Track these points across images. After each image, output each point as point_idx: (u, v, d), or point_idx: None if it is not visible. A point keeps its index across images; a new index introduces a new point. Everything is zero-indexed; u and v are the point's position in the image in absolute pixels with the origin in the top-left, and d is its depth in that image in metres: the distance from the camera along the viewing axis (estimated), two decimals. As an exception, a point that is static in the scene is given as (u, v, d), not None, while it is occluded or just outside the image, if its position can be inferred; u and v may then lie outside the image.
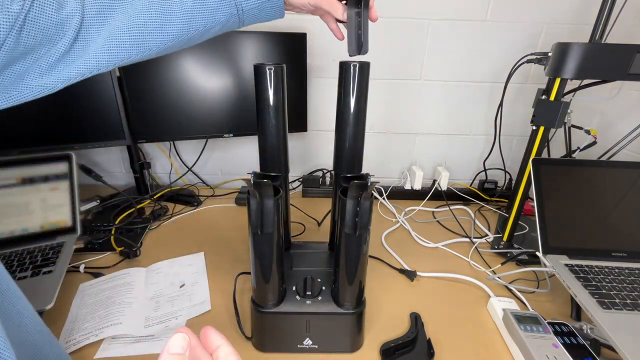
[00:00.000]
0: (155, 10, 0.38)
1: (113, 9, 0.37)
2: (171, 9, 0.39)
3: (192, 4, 0.40)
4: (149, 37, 0.39)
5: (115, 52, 0.38)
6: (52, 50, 0.35)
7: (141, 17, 0.38)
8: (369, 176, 0.52)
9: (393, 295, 0.69)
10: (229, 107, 0.96)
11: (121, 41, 0.38)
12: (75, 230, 0.75)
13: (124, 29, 0.37)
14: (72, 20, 0.35)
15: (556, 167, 0.72)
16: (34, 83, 0.36)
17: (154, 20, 0.39)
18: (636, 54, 0.63)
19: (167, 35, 0.40)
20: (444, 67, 1.03)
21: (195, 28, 0.42)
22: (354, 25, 0.46)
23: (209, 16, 0.41)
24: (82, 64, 0.37)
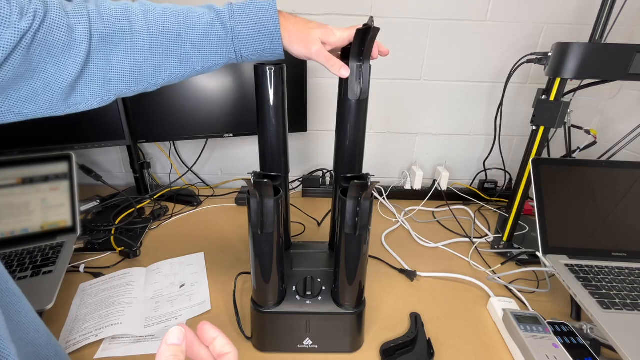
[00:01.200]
0: (155, 49, 0.41)
1: (116, 43, 0.38)
2: (170, 51, 0.41)
3: (192, 48, 0.42)
4: (148, 73, 0.42)
5: (116, 84, 0.40)
6: (62, 75, 0.36)
7: (142, 54, 0.40)
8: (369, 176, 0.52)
9: (393, 295, 0.69)
10: (229, 107, 0.96)
11: (122, 75, 0.40)
12: (75, 230, 0.75)
13: (126, 63, 0.40)
14: (82, 46, 0.36)
15: (556, 167, 0.72)
16: (44, 106, 0.38)
17: (155, 59, 0.41)
18: (636, 54, 0.63)
19: (165, 73, 0.43)
20: (443, 67, 1.03)
21: (193, 68, 0.44)
22: (355, 75, 0.50)
23: (207, 59, 0.44)
24: (87, 93, 0.39)
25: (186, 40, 0.41)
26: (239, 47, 0.44)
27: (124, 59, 0.39)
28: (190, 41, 0.42)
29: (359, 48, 0.49)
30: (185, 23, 0.41)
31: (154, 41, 0.40)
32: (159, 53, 0.41)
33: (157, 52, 0.41)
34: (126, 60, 0.39)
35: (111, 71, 0.39)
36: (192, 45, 0.42)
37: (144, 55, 0.40)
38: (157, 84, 0.44)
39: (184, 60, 0.42)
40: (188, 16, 0.42)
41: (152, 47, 0.40)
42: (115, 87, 0.41)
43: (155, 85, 0.44)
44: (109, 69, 0.39)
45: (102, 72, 0.39)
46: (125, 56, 0.39)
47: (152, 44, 0.40)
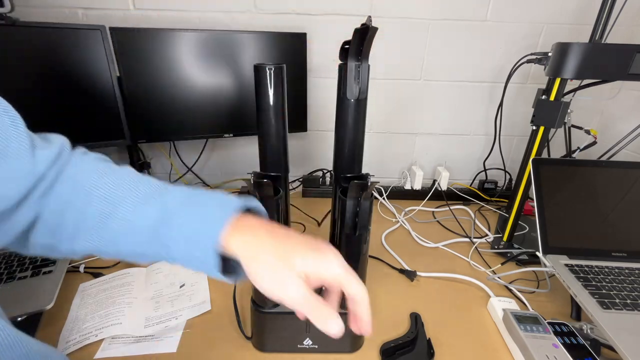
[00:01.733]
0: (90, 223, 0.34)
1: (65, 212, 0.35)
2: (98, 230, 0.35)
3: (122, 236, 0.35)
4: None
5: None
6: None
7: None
8: (369, 176, 0.52)
9: (393, 295, 0.69)
10: (229, 107, 0.96)
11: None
12: (75, 230, 0.75)
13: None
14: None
15: (556, 167, 0.72)
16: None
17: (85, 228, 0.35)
18: (636, 54, 0.63)
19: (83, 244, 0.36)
20: (443, 67, 1.03)
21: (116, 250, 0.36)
22: (354, 76, 0.50)
23: (129, 248, 0.36)
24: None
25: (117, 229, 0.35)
26: (167, 255, 0.34)
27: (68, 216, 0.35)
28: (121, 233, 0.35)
29: (357, 48, 0.49)
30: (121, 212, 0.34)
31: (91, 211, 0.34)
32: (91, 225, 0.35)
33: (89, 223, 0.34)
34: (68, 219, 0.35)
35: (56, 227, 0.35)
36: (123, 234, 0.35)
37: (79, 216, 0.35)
38: (75, 252, 0.37)
39: (116, 243, 0.36)
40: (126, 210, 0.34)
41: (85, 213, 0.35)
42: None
43: (72, 253, 0.37)
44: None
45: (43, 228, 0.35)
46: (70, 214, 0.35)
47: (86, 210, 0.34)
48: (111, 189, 0.35)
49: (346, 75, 0.51)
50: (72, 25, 0.81)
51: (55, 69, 0.79)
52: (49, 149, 0.36)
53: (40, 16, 0.92)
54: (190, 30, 0.86)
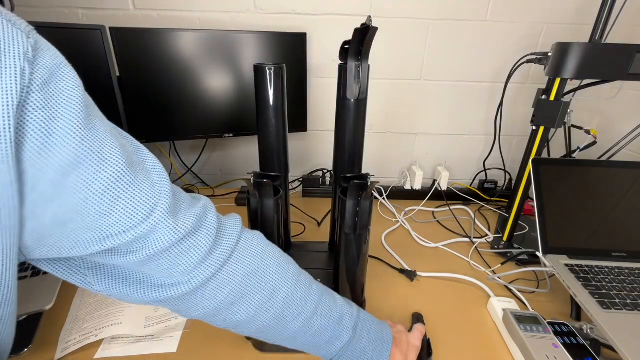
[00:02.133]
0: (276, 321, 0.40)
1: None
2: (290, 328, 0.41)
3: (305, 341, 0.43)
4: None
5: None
6: None
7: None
8: (369, 176, 0.52)
9: (393, 295, 0.69)
10: (229, 107, 0.96)
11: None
12: (75, 230, 0.75)
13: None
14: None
15: (556, 167, 0.72)
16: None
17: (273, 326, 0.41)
18: (636, 54, 0.63)
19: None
20: (443, 67, 1.03)
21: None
22: (353, 76, 0.50)
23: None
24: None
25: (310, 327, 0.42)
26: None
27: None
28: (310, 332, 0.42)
29: (357, 48, 0.49)
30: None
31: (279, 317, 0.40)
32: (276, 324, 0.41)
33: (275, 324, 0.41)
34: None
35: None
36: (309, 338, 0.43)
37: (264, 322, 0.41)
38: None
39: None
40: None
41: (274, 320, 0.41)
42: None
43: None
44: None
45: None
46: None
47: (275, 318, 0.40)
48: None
49: (346, 75, 0.51)
50: (72, 25, 0.81)
51: (55, 69, 0.79)
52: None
53: (40, 16, 0.92)
54: (190, 30, 0.86)
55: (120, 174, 0.28)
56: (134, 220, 0.29)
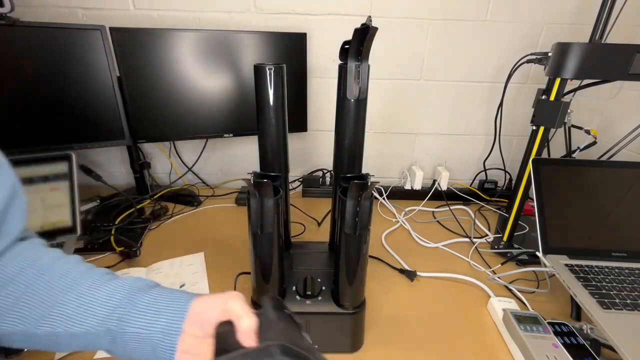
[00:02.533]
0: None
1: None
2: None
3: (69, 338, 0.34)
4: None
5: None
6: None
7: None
8: (369, 176, 0.52)
9: (393, 295, 0.69)
10: (229, 107, 0.96)
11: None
12: (75, 230, 0.75)
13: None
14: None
15: (556, 167, 0.72)
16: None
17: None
18: (636, 54, 0.63)
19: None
20: (444, 67, 1.03)
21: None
22: (353, 76, 0.50)
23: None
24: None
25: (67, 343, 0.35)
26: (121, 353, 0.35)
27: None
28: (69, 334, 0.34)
29: (357, 48, 0.49)
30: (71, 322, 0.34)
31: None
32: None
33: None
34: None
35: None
36: (70, 336, 0.34)
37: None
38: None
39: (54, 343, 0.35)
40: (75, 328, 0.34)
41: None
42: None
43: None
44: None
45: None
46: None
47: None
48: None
49: (346, 75, 0.51)
50: (72, 25, 0.81)
51: (55, 69, 0.80)
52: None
53: (40, 16, 0.92)
54: (190, 30, 0.86)
55: None
56: None
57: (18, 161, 0.71)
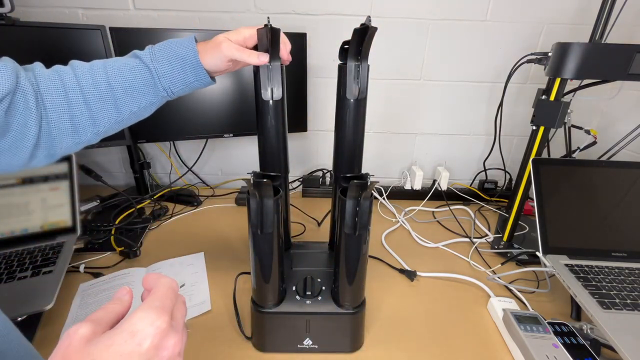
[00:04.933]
0: (90, 101, 0.44)
1: (55, 102, 0.42)
2: (104, 100, 0.45)
3: (123, 94, 0.45)
4: (87, 124, 0.45)
5: (60, 139, 0.44)
6: (27, 136, 0.41)
7: (79, 108, 0.44)
8: (369, 176, 0.52)
9: (393, 295, 0.69)
10: (228, 107, 0.96)
11: (63, 130, 0.44)
12: (75, 230, 0.75)
13: (65, 119, 0.43)
14: (34, 110, 0.41)
15: (556, 167, 0.72)
16: (20, 163, 0.44)
17: (91, 110, 0.44)
18: (636, 54, 0.63)
19: (103, 120, 0.46)
20: (444, 67, 1.03)
21: (129, 111, 0.47)
22: (353, 76, 0.50)
23: (140, 101, 0.47)
24: (50, 146, 0.44)
25: (116, 87, 0.45)
26: (167, 85, 0.47)
27: (63, 115, 0.43)
28: (120, 87, 0.45)
29: (357, 48, 0.49)
30: (112, 72, 0.45)
31: (87, 94, 0.43)
32: (94, 104, 0.44)
33: (92, 103, 0.44)
34: (64, 116, 0.43)
35: (53, 128, 0.43)
36: (124, 90, 0.45)
37: (80, 109, 0.43)
38: (99, 133, 0.47)
39: (119, 105, 0.46)
40: (114, 66, 0.45)
41: (87, 99, 0.43)
42: (59, 143, 0.44)
43: (97, 134, 0.47)
44: (52, 127, 0.42)
45: (46, 130, 0.42)
46: (62, 113, 0.42)
47: (86, 97, 0.43)
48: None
49: (346, 75, 0.51)
50: (72, 25, 0.81)
51: (55, 69, 0.79)
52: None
53: (40, 16, 0.92)
54: (190, 30, 0.86)
55: None
56: None
57: (18, 161, 0.71)
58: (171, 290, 0.27)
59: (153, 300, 0.25)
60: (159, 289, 0.27)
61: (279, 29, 0.48)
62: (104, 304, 0.26)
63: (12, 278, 0.62)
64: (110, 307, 0.26)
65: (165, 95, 0.49)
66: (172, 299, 0.27)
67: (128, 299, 0.28)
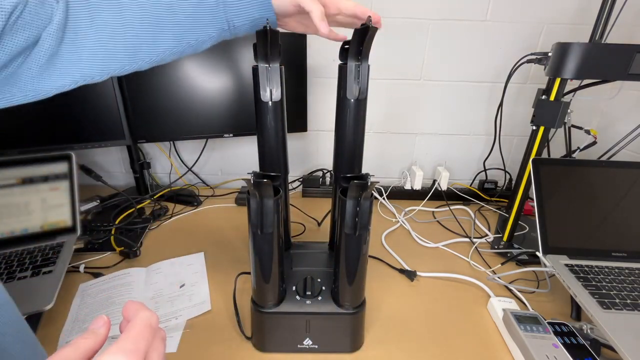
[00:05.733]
0: (147, 21, 0.38)
1: (103, 16, 0.37)
2: (164, 23, 0.39)
3: (185, 19, 0.40)
4: (141, 49, 0.39)
5: (108, 61, 0.38)
6: (39, 50, 0.34)
7: (134, 28, 0.38)
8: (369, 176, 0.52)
9: (393, 295, 0.69)
10: (228, 107, 0.96)
11: (113, 51, 0.38)
12: (75, 230, 0.75)
13: (116, 38, 0.37)
14: (55, 16, 0.34)
15: (556, 167, 0.72)
16: (27, 87, 0.36)
17: (147, 33, 0.39)
18: (636, 54, 0.63)
19: (158, 47, 0.40)
20: (444, 67, 1.03)
21: (187, 42, 0.42)
22: (353, 76, 0.50)
23: (200, 31, 0.42)
24: (74, 70, 0.37)
25: (178, 11, 0.39)
26: (230, 16, 0.42)
27: (113, 33, 0.37)
28: (182, 12, 0.39)
29: (357, 48, 0.49)
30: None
31: (144, 14, 0.38)
32: (151, 26, 0.39)
33: (148, 25, 0.38)
34: (116, 35, 0.37)
35: (101, 47, 0.37)
36: (185, 15, 0.40)
37: (135, 30, 0.38)
38: (151, 62, 0.41)
39: (177, 33, 0.40)
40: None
41: (143, 20, 0.38)
42: (108, 66, 0.38)
43: (149, 62, 0.41)
44: (99, 46, 0.37)
45: (88, 46, 0.36)
46: (113, 31, 0.37)
47: (143, 17, 0.38)
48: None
49: (346, 76, 0.51)
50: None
51: (55, 69, 0.79)
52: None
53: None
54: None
55: None
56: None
57: (18, 161, 0.71)
58: (148, 328, 0.25)
59: (125, 341, 0.23)
60: (135, 327, 0.24)
61: (376, 29, 0.47)
62: (75, 338, 0.24)
63: (12, 278, 0.62)
64: (81, 343, 0.24)
65: (227, 28, 0.43)
66: (148, 339, 0.24)
67: (103, 332, 0.25)
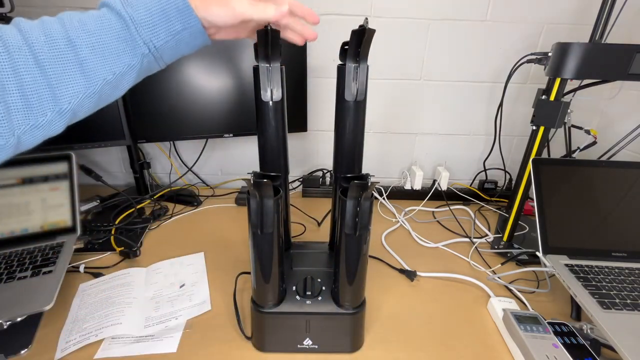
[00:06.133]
0: (45, 62, 0.32)
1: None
2: (65, 60, 0.33)
3: (91, 52, 0.34)
4: (45, 97, 0.33)
5: (8, 117, 0.31)
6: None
7: (29, 72, 0.32)
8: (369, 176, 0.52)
9: (393, 295, 0.69)
10: (228, 107, 0.96)
11: (13, 104, 0.31)
12: (75, 230, 0.75)
13: (12, 88, 0.31)
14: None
15: (556, 167, 0.72)
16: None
17: (46, 75, 0.33)
18: (636, 54, 0.63)
19: (67, 92, 0.34)
20: (443, 67, 1.03)
21: (102, 78, 0.35)
22: (352, 77, 0.50)
23: (113, 62, 0.35)
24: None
25: (79, 44, 0.33)
26: (147, 37, 0.36)
27: (9, 82, 0.31)
28: (85, 44, 0.34)
29: (355, 49, 0.49)
30: (72, 25, 0.34)
31: (39, 53, 0.32)
32: (51, 66, 0.32)
33: (47, 65, 0.32)
34: (9, 84, 0.31)
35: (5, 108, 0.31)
36: (90, 48, 0.34)
37: (32, 74, 0.31)
38: (63, 111, 0.34)
39: (87, 70, 0.34)
40: (73, 18, 0.35)
41: (39, 60, 0.32)
42: (8, 123, 0.31)
43: (60, 114, 0.34)
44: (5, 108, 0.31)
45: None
46: (9, 79, 0.31)
47: (38, 56, 0.32)
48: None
49: (345, 77, 0.51)
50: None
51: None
52: None
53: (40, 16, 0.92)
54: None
55: None
56: None
57: (18, 161, 0.71)
58: None
59: None
60: None
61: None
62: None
63: (12, 278, 0.62)
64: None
65: (147, 52, 0.37)
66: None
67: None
